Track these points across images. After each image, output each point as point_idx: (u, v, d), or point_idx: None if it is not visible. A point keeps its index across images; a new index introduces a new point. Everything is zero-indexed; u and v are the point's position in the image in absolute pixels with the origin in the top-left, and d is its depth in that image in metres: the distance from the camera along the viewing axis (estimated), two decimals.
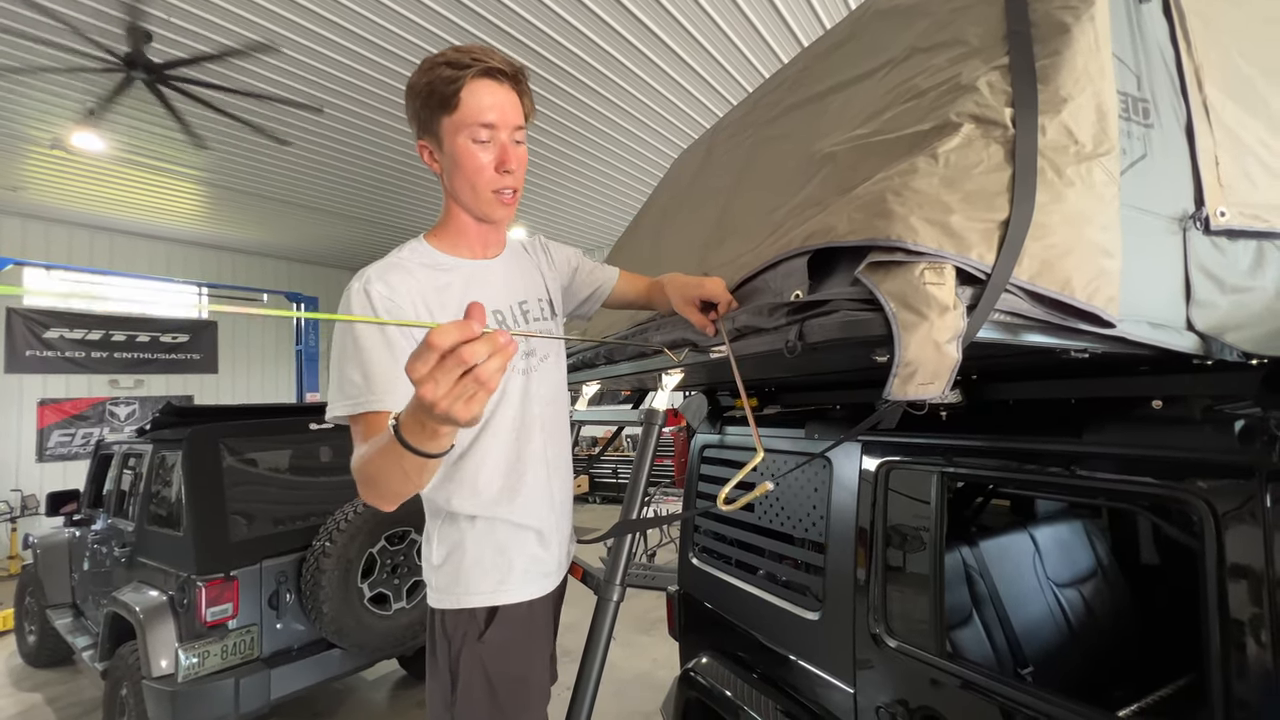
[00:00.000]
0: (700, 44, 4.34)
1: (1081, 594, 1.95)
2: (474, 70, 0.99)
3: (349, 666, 2.90)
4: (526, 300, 1.19)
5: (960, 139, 0.67)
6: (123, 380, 8.06)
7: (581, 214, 7.80)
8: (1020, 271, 0.62)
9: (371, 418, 0.91)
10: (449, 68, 0.99)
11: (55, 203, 6.96)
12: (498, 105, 1.01)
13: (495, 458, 1.08)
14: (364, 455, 0.81)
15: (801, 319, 0.72)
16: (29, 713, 3.45)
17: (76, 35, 3.65)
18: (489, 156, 1.02)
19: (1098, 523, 2.16)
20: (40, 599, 3.89)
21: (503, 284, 1.16)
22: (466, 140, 1.01)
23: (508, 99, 1.03)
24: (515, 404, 1.11)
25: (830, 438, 1.57)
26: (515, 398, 1.11)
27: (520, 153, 1.06)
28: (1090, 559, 2.05)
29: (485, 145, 1.02)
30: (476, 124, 1.00)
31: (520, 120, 1.05)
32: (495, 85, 1.01)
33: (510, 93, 1.04)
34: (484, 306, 0.58)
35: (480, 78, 1.00)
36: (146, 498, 3.00)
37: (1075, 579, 1.97)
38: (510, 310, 1.15)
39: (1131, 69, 0.90)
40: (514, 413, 1.10)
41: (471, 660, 1.05)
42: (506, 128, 1.03)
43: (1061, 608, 1.88)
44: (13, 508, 6.49)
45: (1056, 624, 1.85)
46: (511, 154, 1.04)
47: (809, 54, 1.49)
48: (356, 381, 0.93)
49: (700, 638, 2.00)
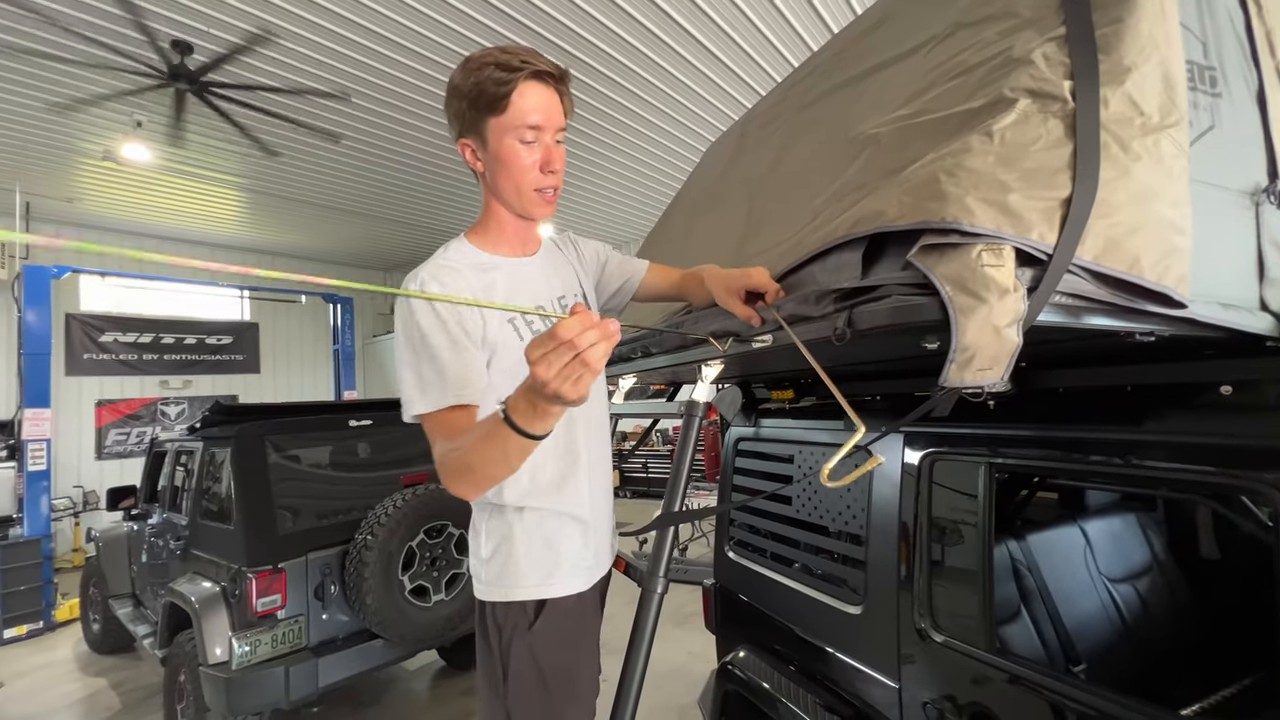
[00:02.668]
0: (728, 35, 4.29)
1: (1136, 589, 1.87)
2: (524, 73, 1.00)
3: (391, 656, 2.98)
4: (565, 295, 1.21)
5: (1016, 115, 0.65)
6: (172, 381, 8.41)
7: (610, 209, 7.81)
8: (1084, 251, 0.60)
9: (449, 413, 0.96)
10: (499, 69, 0.99)
11: (107, 212, 7.28)
12: (544, 108, 1.02)
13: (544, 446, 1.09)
14: (460, 446, 0.86)
15: (850, 305, 0.70)
16: (95, 696, 3.64)
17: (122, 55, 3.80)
18: (534, 157, 1.04)
19: (1152, 515, 2.07)
20: (103, 589, 4.09)
21: (542, 280, 1.18)
22: (514, 141, 1.02)
23: (553, 101, 1.04)
24: None
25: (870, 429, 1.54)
26: None
27: (562, 152, 1.08)
28: (1145, 553, 1.97)
29: (531, 146, 1.03)
30: (524, 126, 1.01)
31: (563, 122, 1.07)
32: (543, 88, 1.02)
33: (554, 94, 1.05)
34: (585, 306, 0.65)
35: (530, 80, 1.01)
36: (198, 493, 3.12)
37: (1129, 574, 1.90)
38: (551, 304, 1.17)
39: (1197, 35, 0.85)
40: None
41: (522, 651, 1.06)
42: (551, 129, 1.04)
43: (1115, 604, 1.81)
44: (75, 503, 6.84)
45: (1110, 620, 1.78)
46: (555, 155, 1.06)
47: (841, 39, 1.46)
48: (433, 380, 0.97)
49: (737, 631, 1.99)
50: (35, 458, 4.90)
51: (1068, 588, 1.73)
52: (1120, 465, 1.03)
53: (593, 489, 1.16)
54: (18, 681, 3.91)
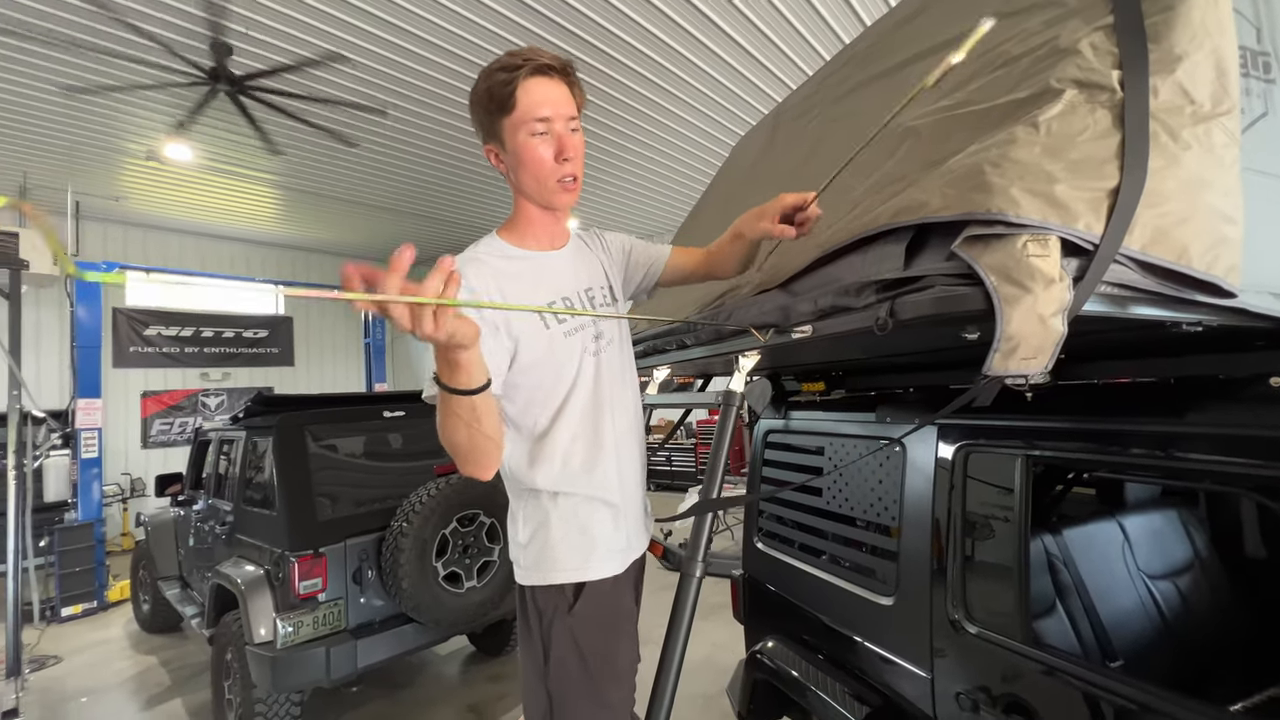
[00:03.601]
0: (757, 27, 4.26)
1: (1177, 586, 1.84)
2: (525, 70, 1.05)
3: (424, 640, 3.06)
4: (591, 288, 1.25)
5: (1063, 105, 0.65)
6: (212, 373, 8.71)
7: (641, 202, 7.82)
8: (1131, 241, 0.60)
9: None
10: (502, 71, 1.06)
11: (150, 210, 7.54)
12: (550, 99, 1.07)
13: (574, 433, 1.13)
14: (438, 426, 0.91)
15: (892, 296, 0.71)
16: (146, 673, 3.82)
17: (168, 53, 3.94)
18: (548, 148, 1.09)
19: (1194, 512, 2.02)
20: (152, 571, 4.28)
21: (570, 273, 1.22)
22: (526, 136, 1.07)
23: (559, 92, 1.09)
24: (589, 384, 1.16)
25: (902, 421, 1.54)
26: (589, 378, 1.16)
27: (576, 140, 1.11)
28: (1186, 550, 1.93)
29: (544, 138, 1.08)
30: (533, 119, 1.06)
31: (573, 110, 1.11)
32: (546, 81, 1.07)
33: (560, 85, 1.09)
34: (414, 248, 0.65)
35: (532, 76, 1.06)
36: (242, 480, 3.25)
37: (1170, 571, 1.86)
38: (577, 296, 1.20)
39: (1250, 21, 0.84)
40: (587, 392, 1.15)
41: (562, 633, 1.10)
42: (561, 119, 1.08)
43: (1155, 600, 1.78)
44: (124, 490, 7.14)
45: (1149, 617, 1.76)
46: (568, 142, 1.09)
47: (876, 30, 1.45)
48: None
49: (765, 621, 2.01)
50: (88, 446, 5.14)
51: (1105, 583, 1.71)
52: (1162, 458, 1.02)
53: (622, 473, 1.19)
54: (75, 657, 4.13)
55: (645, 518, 1.27)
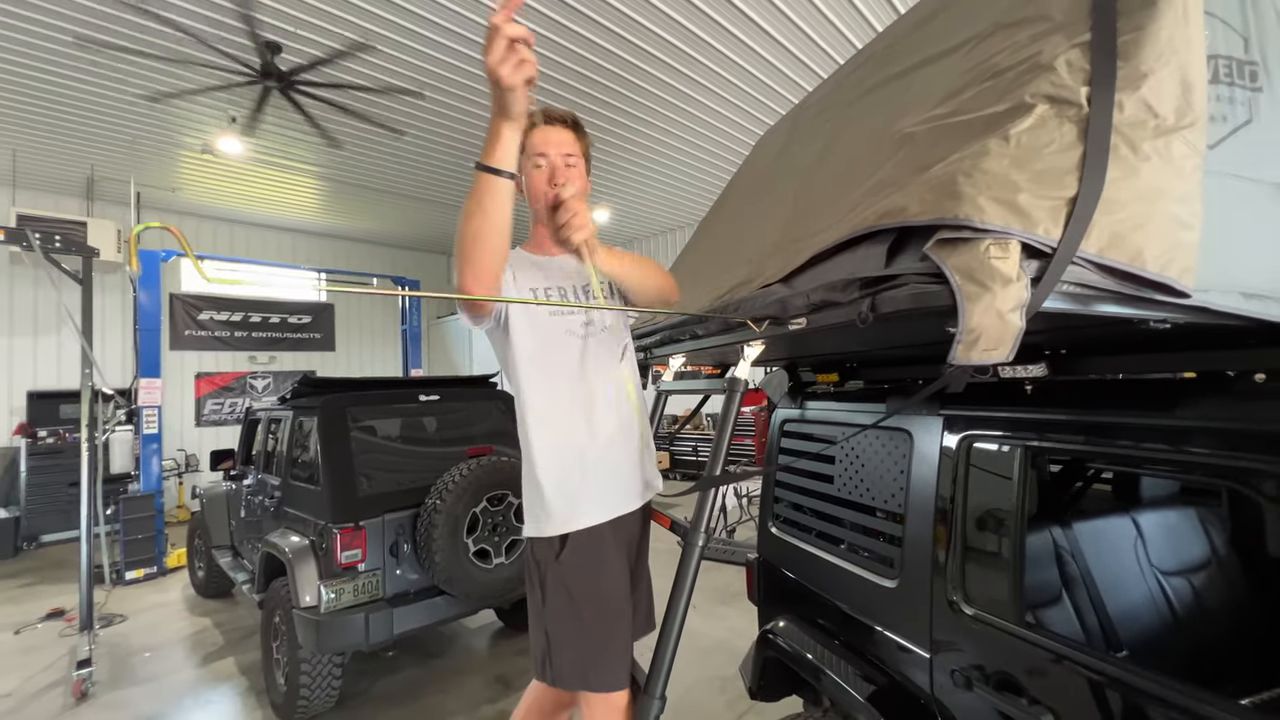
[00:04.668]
0: (788, 17, 4.25)
1: (1190, 583, 1.85)
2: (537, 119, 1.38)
3: (455, 612, 3.23)
4: (590, 284, 1.43)
5: (1033, 120, 0.71)
6: (259, 356, 9.14)
7: (666, 193, 7.87)
8: (1088, 245, 0.66)
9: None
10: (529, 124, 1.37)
11: (204, 200, 7.94)
12: (550, 140, 1.38)
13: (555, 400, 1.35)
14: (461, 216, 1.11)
15: (874, 292, 0.78)
16: (201, 634, 4.12)
17: (222, 54, 4.16)
18: (543, 176, 1.38)
19: (1214, 509, 2.02)
20: (206, 540, 4.59)
21: (574, 270, 1.47)
22: (531, 168, 1.39)
23: (560, 135, 1.40)
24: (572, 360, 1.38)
25: (910, 410, 1.59)
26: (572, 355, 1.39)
27: (570, 172, 1.39)
28: (1203, 546, 1.93)
29: (540, 170, 1.38)
30: (535, 154, 1.38)
31: (572, 149, 1.40)
32: (549, 128, 1.40)
33: (564, 131, 1.41)
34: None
35: (540, 125, 1.39)
36: (289, 456, 3.47)
37: (1183, 567, 1.87)
38: (573, 289, 1.45)
39: (1239, 31, 0.87)
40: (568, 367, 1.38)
41: (554, 578, 1.31)
42: (558, 155, 1.38)
43: (1165, 595, 1.79)
44: (179, 465, 7.59)
45: (1158, 611, 1.77)
46: (560, 171, 1.38)
47: (892, 32, 1.50)
48: None
49: (778, 602, 2.09)
50: (149, 422, 5.50)
51: (1114, 575, 1.74)
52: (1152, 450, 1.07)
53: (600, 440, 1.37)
54: (139, 616, 4.47)
55: (634, 482, 1.44)
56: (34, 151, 6.19)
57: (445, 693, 3.24)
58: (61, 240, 3.74)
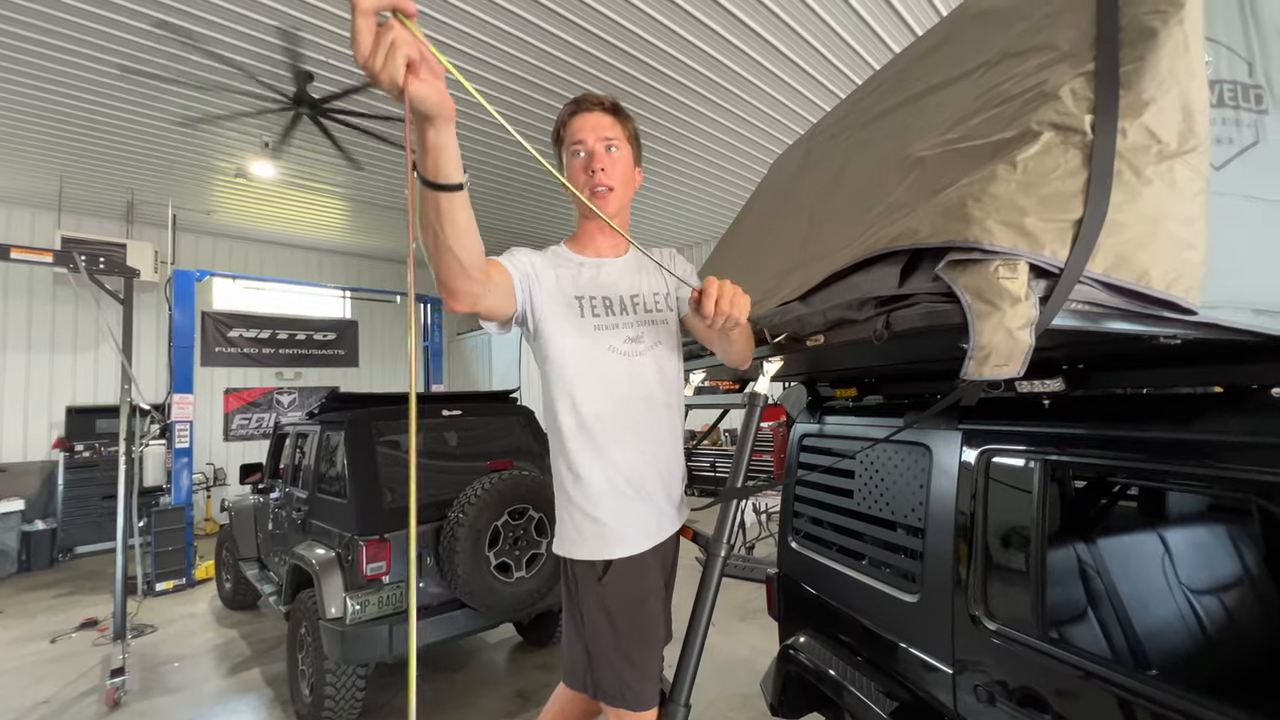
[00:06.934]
0: (803, 38, 4.33)
1: (1222, 601, 1.81)
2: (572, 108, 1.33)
3: (476, 625, 3.26)
4: (640, 294, 1.39)
5: (1039, 146, 0.74)
6: (285, 372, 9.37)
7: (687, 211, 7.96)
8: (1095, 265, 0.69)
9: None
10: (563, 112, 1.35)
11: (237, 222, 8.22)
12: (587, 125, 1.31)
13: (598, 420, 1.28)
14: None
15: (888, 310, 0.82)
16: (229, 644, 4.20)
17: (256, 82, 4.36)
18: (581, 164, 1.31)
19: (1245, 527, 1.98)
20: (234, 553, 4.69)
21: (620, 278, 1.39)
22: (569, 156, 1.33)
23: (598, 119, 1.31)
24: (616, 379, 1.30)
25: (929, 424, 1.61)
26: (618, 374, 1.30)
27: (610, 157, 1.30)
28: (1235, 564, 1.89)
29: (579, 156, 1.31)
30: (573, 142, 1.32)
31: (612, 132, 1.31)
32: (587, 114, 1.32)
33: (603, 115, 1.32)
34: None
35: (577, 113, 1.32)
36: (316, 470, 3.55)
37: (1215, 585, 1.83)
38: (619, 300, 1.36)
39: (1243, 57, 0.90)
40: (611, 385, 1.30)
41: (594, 600, 1.27)
42: (598, 140, 1.30)
43: (1195, 613, 1.76)
44: (208, 479, 7.78)
45: (1189, 630, 1.74)
46: (599, 156, 1.30)
47: (904, 57, 1.54)
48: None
49: (798, 617, 2.09)
50: (180, 436, 5.66)
51: (1141, 592, 1.71)
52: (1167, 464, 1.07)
53: (643, 463, 1.31)
54: (168, 627, 4.57)
55: (671, 506, 1.39)
56: (78, 177, 6.49)
57: (466, 706, 3.26)
58: (105, 262, 3.92)
